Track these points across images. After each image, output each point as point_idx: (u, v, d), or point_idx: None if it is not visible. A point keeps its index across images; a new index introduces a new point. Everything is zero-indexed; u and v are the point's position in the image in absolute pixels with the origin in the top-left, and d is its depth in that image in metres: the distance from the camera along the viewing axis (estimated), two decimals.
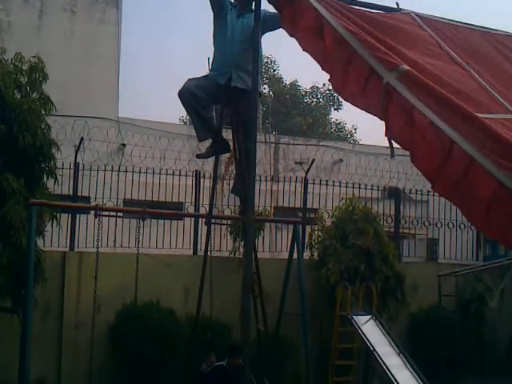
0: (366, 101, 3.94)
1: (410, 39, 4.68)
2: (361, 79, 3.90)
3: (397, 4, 5.18)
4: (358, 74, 3.93)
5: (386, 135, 3.75)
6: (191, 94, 7.32)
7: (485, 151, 3.24)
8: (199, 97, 7.34)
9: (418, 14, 5.20)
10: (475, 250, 15.64)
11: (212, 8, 7.29)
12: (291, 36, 4.60)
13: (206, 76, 7.50)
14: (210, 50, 7.58)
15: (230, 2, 7.42)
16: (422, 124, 3.48)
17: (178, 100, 7.46)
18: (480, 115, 3.76)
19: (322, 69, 4.31)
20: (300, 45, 4.56)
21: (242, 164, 7.52)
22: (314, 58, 4.36)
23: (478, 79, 4.64)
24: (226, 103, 7.68)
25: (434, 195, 12.77)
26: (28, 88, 10.07)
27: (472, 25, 5.77)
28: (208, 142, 7.96)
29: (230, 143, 7.97)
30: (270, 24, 6.68)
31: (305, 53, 4.52)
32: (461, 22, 5.74)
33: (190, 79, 7.46)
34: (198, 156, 8.19)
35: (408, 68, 3.69)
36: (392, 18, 4.95)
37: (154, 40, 53.89)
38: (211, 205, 8.95)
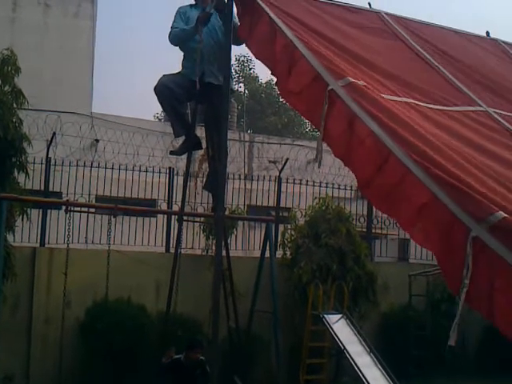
0: (302, 102, 4.06)
1: (369, 44, 4.78)
2: (303, 80, 4.00)
3: (369, 4, 5.25)
4: (300, 76, 4.03)
5: (323, 140, 3.83)
6: (168, 89, 7.30)
7: (420, 161, 3.30)
8: (175, 92, 7.33)
9: (387, 13, 5.29)
10: None
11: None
12: (246, 44, 4.72)
13: (179, 72, 7.49)
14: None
15: (191, 5, 7.46)
16: (362, 132, 3.56)
17: (154, 97, 7.45)
18: (446, 108, 3.83)
19: (272, 73, 4.44)
20: (252, 51, 4.71)
21: (215, 161, 7.51)
22: (265, 63, 4.49)
23: (446, 74, 4.73)
24: (200, 100, 7.67)
25: None
26: (0, 81, 9.95)
27: (444, 26, 5.89)
28: (182, 139, 7.94)
29: (204, 141, 7.96)
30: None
31: None
32: (435, 24, 5.85)
33: (164, 75, 7.45)
34: (172, 152, 8.17)
35: (353, 80, 3.78)
36: (355, 23, 5.04)
37: (129, 36, 53.66)
38: (183, 202, 8.94)
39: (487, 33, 6.77)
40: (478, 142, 3.97)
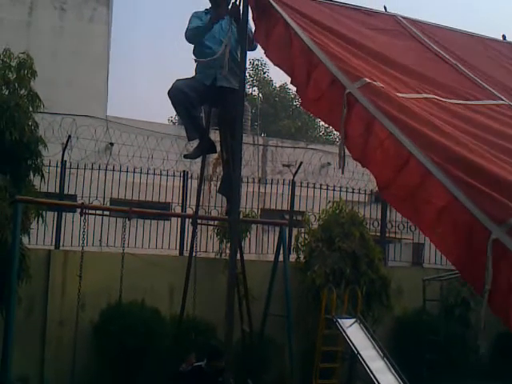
0: (322, 107, 4.03)
1: (388, 45, 4.77)
2: (321, 85, 3.97)
3: (384, 7, 5.25)
4: (319, 81, 4.00)
5: (344, 144, 3.79)
6: (182, 93, 7.35)
7: (441, 162, 3.25)
8: (189, 96, 7.37)
9: (403, 17, 5.28)
10: None
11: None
12: (264, 52, 4.70)
13: (193, 77, 7.54)
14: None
15: (206, 10, 7.51)
16: (381, 134, 3.51)
17: (168, 100, 7.49)
18: (469, 103, 3.79)
19: (291, 82, 4.40)
20: (270, 59, 4.67)
21: (229, 164, 7.53)
22: (285, 71, 4.45)
23: (466, 72, 4.71)
24: (213, 103, 7.71)
25: None
26: (16, 84, 10.04)
27: (459, 29, 5.88)
28: (196, 142, 7.98)
29: (218, 145, 7.99)
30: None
31: None
32: (451, 28, 5.85)
33: (178, 79, 7.50)
34: (186, 156, 8.21)
35: (369, 80, 3.75)
36: (372, 25, 5.03)
37: (145, 40, 53.89)
38: (197, 205, 8.96)
39: (503, 36, 6.75)
40: (506, 133, 3.91)
